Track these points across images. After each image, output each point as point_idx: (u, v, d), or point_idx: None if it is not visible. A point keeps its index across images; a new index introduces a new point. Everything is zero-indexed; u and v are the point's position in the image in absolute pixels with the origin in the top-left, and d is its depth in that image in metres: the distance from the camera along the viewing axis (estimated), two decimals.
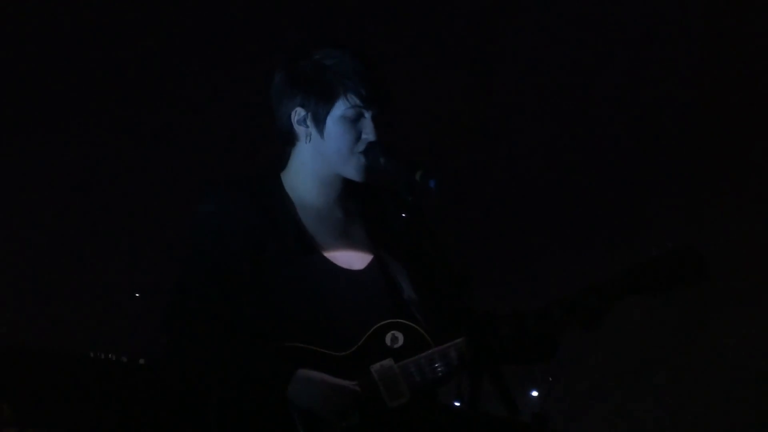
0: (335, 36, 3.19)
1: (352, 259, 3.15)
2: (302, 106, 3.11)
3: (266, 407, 2.94)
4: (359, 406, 2.94)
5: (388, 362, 3.01)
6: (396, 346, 3.04)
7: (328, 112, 3.09)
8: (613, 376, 5.18)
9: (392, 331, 3.05)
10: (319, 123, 3.10)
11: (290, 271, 3.05)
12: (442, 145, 5.33)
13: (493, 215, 5.42)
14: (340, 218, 3.21)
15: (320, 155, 3.13)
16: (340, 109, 3.09)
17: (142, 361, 4.39)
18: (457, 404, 3.28)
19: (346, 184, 3.20)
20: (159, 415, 4.26)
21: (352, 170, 3.12)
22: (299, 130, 3.14)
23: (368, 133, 3.09)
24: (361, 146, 3.09)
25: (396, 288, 3.14)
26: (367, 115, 3.09)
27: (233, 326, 2.99)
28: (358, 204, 3.24)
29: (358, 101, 3.07)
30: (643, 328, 4.92)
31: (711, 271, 3.02)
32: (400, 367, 3.00)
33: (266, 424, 2.94)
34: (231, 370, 2.97)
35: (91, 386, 4.31)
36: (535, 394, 4.54)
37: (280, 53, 3.19)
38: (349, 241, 3.18)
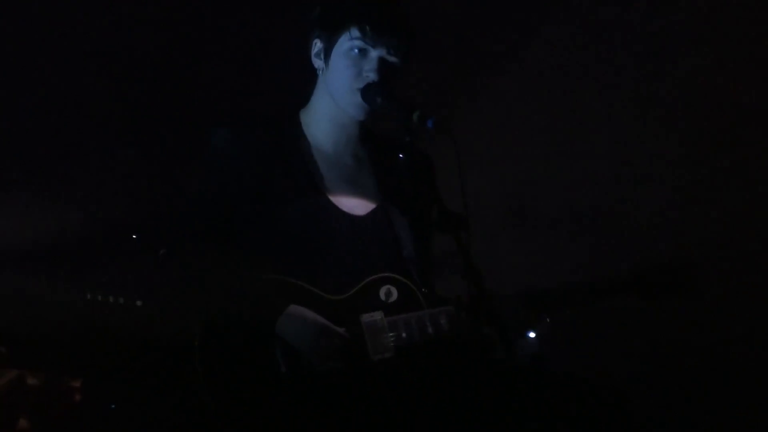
0: None
1: (356, 204, 3.15)
2: (318, 38, 3.15)
3: (252, 339, 2.94)
4: (343, 353, 2.94)
5: (378, 315, 3.01)
6: (389, 300, 3.05)
7: (333, 45, 3.11)
8: (611, 316, 5.19)
9: (387, 285, 3.06)
10: (327, 55, 3.13)
11: (293, 208, 3.06)
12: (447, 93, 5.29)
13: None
14: (350, 164, 3.22)
15: (327, 89, 3.15)
16: (344, 42, 3.10)
17: (139, 303, 4.39)
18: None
19: (360, 130, 3.20)
20: (155, 355, 4.27)
21: (351, 107, 3.12)
22: (316, 63, 3.18)
23: (369, 71, 3.08)
24: (361, 82, 3.08)
25: (397, 241, 3.14)
26: (374, 53, 3.09)
27: (234, 256, 3.00)
28: (370, 153, 3.23)
29: (359, 35, 3.06)
30: None
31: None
32: (389, 321, 3.01)
33: (249, 358, 2.94)
34: (223, 297, 2.97)
35: (88, 328, 4.32)
36: (532, 335, 4.53)
37: None
38: (355, 187, 3.18)
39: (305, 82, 3.25)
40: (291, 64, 3.29)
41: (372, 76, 3.08)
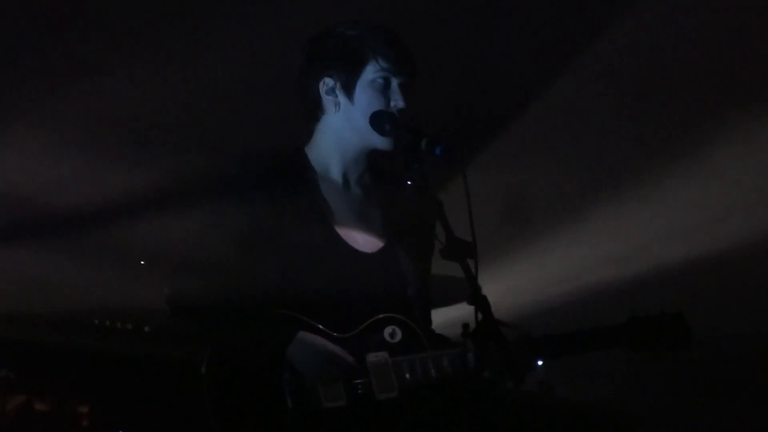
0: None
1: (365, 241, 3.16)
2: (330, 75, 3.14)
3: (260, 368, 2.95)
4: (349, 389, 2.95)
5: (383, 355, 3.02)
6: (394, 340, 3.06)
7: (357, 78, 3.12)
8: None
9: (392, 326, 3.07)
10: (350, 90, 3.13)
11: (303, 242, 3.06)
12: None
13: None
14: (360, 198, 3.22)
15: (349, 124, 3.15)
16: (369, 74, 3.12)
17: (147, 328, 4.40)
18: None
19: (371, 164, 3.21)
20: (163, 381, 4.27)
21: (380, 138, 3.12)
22: (327, 100, 3.16)
23: (397, 100, 3.11)
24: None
25: (403, 280, 3.15)
26: (395, 82, 3.12)
27: (242, 290, 3.01)
28: (379, 188, 3.24)
29: (387, 65, 3.10)
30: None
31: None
32: (393, 362, 3.01)
33: (256, 391, 2.94)
34: (232, 326, 2.99)
35: (97, 354, 4.32)
36: (539, 362, 4.52)
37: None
38: (364, 223, 3.19)
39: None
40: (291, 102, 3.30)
41: (400, 104, 3.11)
